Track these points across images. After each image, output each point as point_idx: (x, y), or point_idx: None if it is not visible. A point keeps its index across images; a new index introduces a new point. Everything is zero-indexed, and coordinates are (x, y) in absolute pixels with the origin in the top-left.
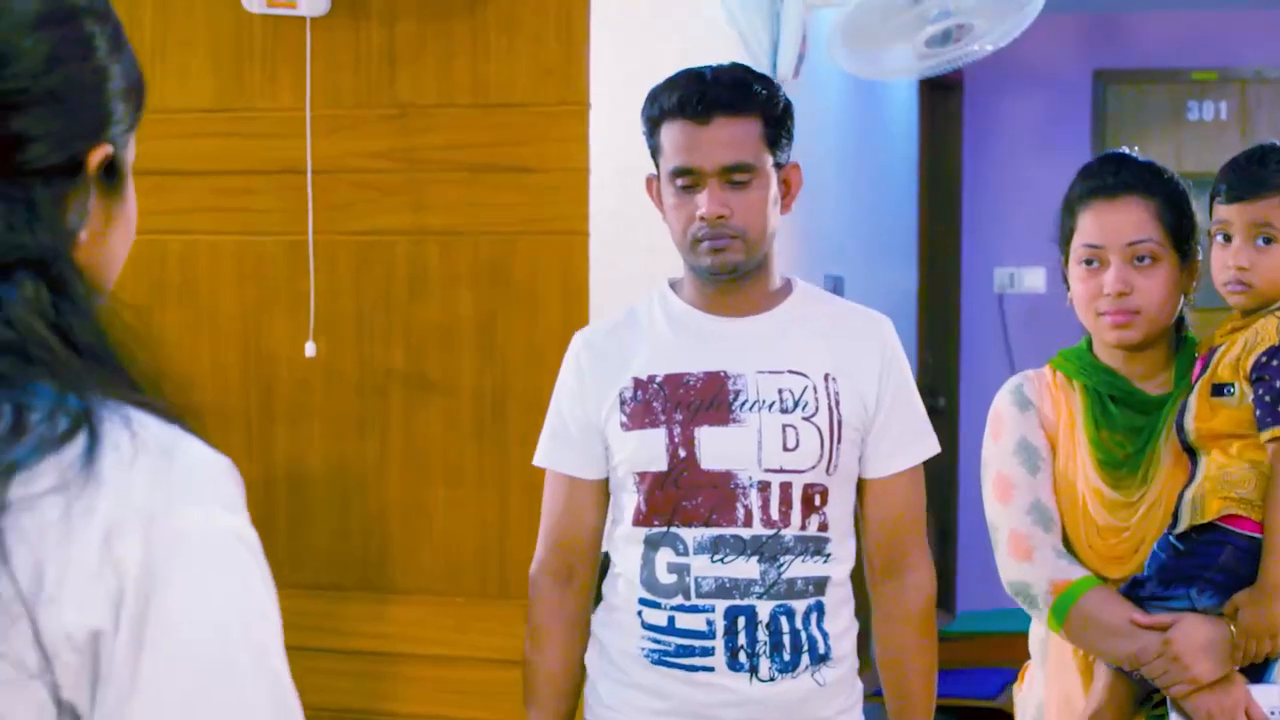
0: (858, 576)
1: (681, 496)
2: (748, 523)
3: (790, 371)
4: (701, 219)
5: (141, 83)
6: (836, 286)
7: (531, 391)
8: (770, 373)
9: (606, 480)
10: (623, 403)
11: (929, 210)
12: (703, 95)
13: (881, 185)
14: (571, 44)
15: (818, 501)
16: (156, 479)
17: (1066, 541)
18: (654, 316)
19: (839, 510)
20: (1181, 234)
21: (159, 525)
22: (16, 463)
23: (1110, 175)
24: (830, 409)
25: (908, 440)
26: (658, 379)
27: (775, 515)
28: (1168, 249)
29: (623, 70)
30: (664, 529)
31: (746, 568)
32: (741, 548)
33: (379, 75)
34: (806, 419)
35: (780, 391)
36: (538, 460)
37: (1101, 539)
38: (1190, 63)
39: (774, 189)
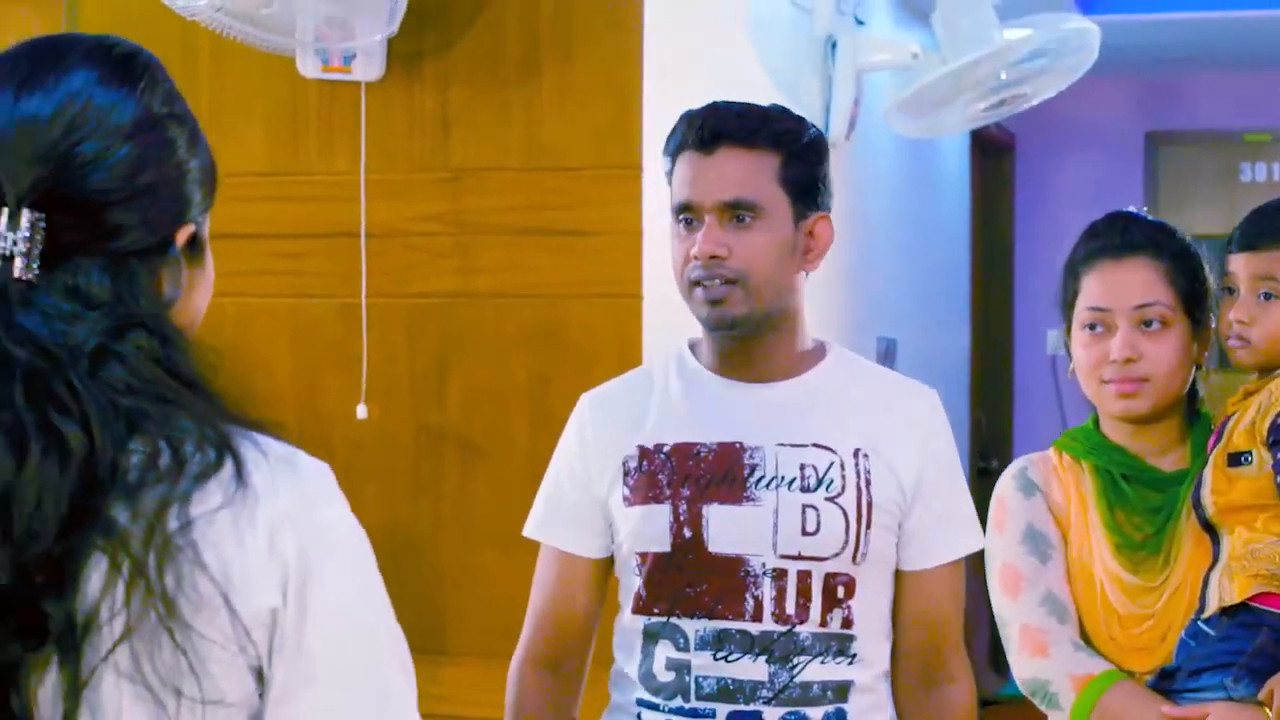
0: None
1: (685, 582)
2: (756, 616)
3: (815, 445)
4: (694, 258)
5: (214, 166)
6: (890, 349)
7: None
8: (792, 446)
9: (607, 560)
10: (626, 474)
11: (981, 272)
12: (708, 123)
13: (934, 247)
14: (624, 108)
15: (841, 594)
16: (292, 486)
17: (1085, 634)
18: (668, 378)
19: (870, 605)
20: (1193, 298)
21: (304, 522)
22: (189, 492)
23: (1117, 235)
24: (859, 489)
25: (950, 530)
26: (665, 448)
27: (790, 609)
28: (1178, 313)
29: None
30: (664, 619)
31: (753, 668)
32: (748, 645)
33: (433, 139)
34: (830, 499)
35: (802, 467)
36: (528, 530)
37: (1124, 628)
38: (1243, 124)
39: (789, 235)
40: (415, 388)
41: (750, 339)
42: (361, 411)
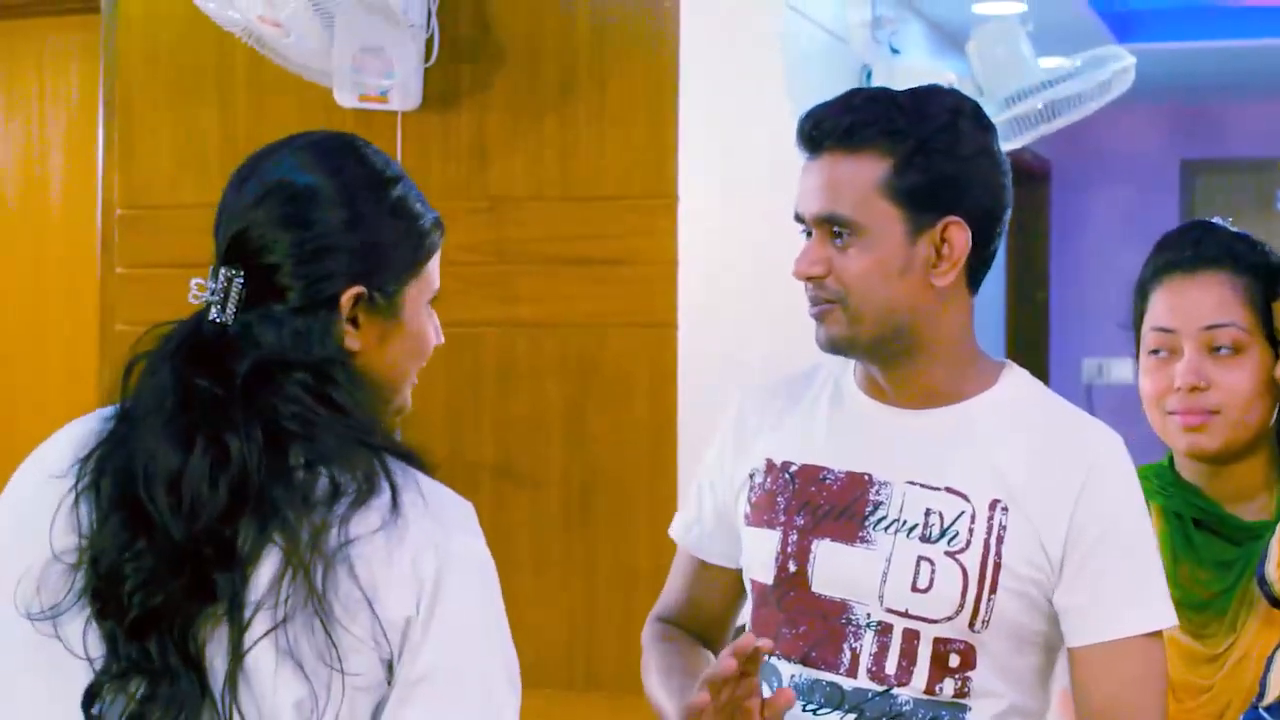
0: None
1: (783, 621)
2: (851, 671)
3: (948, 490)
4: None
5: (403, 239)
6: None
7: (620, 483)
8: (922, 487)
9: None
10: (751, 488)
11: (1016, 300)
12: (815, 121)
13: None
14: (661, 137)
15: (954, 663)
16: (436, 516)
17: None
18: (823, 390)
19: (998, 679)
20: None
21: (443, 548)
22: (349, 515)
23: (1189, 247)
24: (987, 546)
25: (1117, 600)
26: (793, 468)
27: (890, 669)
28: (1256, 337)
29: (712, 163)
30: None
31: None
32: (838, 700)
33: (469, 168)
34: (951, 554)
35: (928, 513)
36: (671, 529)
37: (1177, 701)
38: (1278, 152)
39: (899, 253)
40: (451, 416)
41: (886, 361)
42: (397, 438)
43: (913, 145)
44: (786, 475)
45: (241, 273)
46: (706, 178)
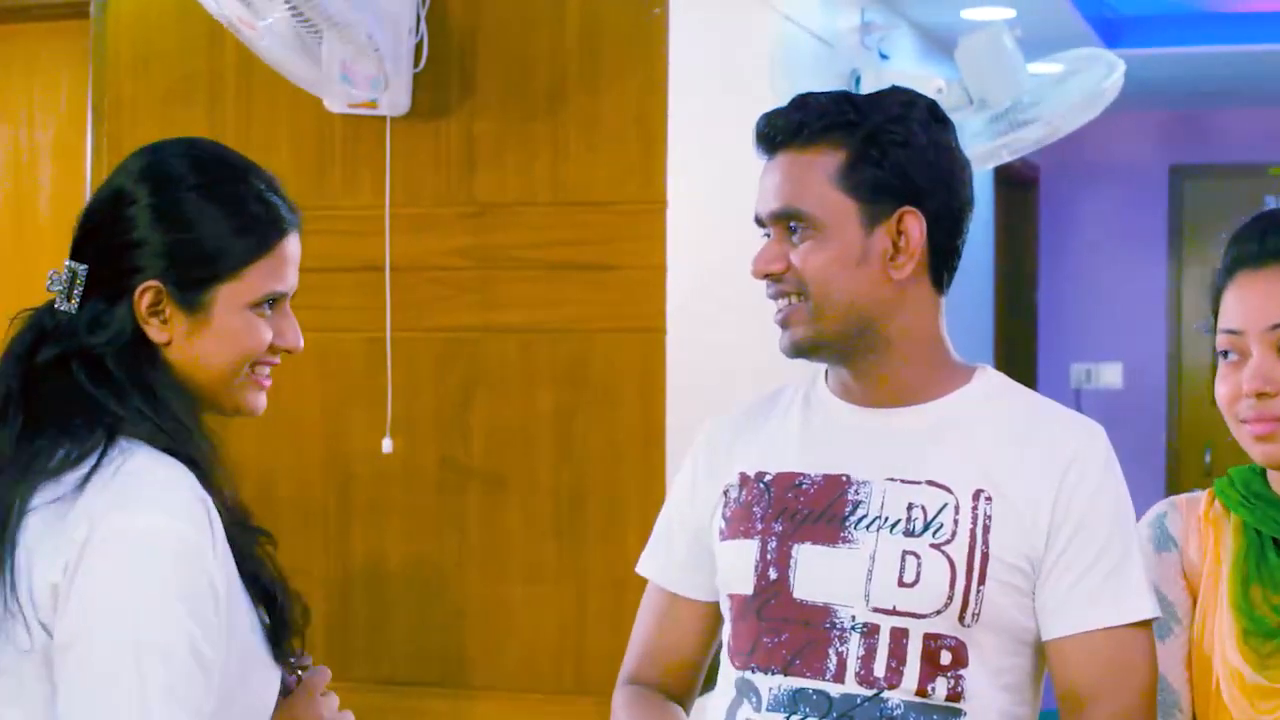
0: None
1: (763, 631)
2: (839, 677)
3: (929, 483)
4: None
5: (207, 240)
6: None
7: (609, 488)
8: (903, 482)
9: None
10: (725, 504)
11: (1005, 306)
12: (769, 123)
13: (957, 281)
14: (650, 144)
15: (945, 660)
16: (117, 490)
17: None
18: (794, 402)
19: (990, 679)
20: None
21: (100, 521)
22: (40, 485)
23: (1255, 240)
24: (973, 536)
25: (1099, 591)
26: (767, 477)
27: (879, 671)
28: None
29: (700, 169)
30: (743, 672)
31: None
32: (825, 708)
33: (458, 174)
34: (936, 546)
35: (910, 508)
36: (639, 567)
37: None
38: (1268, 158)
39: (856, 244)
40: (440, 421)
41: (853, 361)
42: (387, 445)
43: (865, 136)
44: (761, 485)
45: (84, 266)
46: (695, 184)
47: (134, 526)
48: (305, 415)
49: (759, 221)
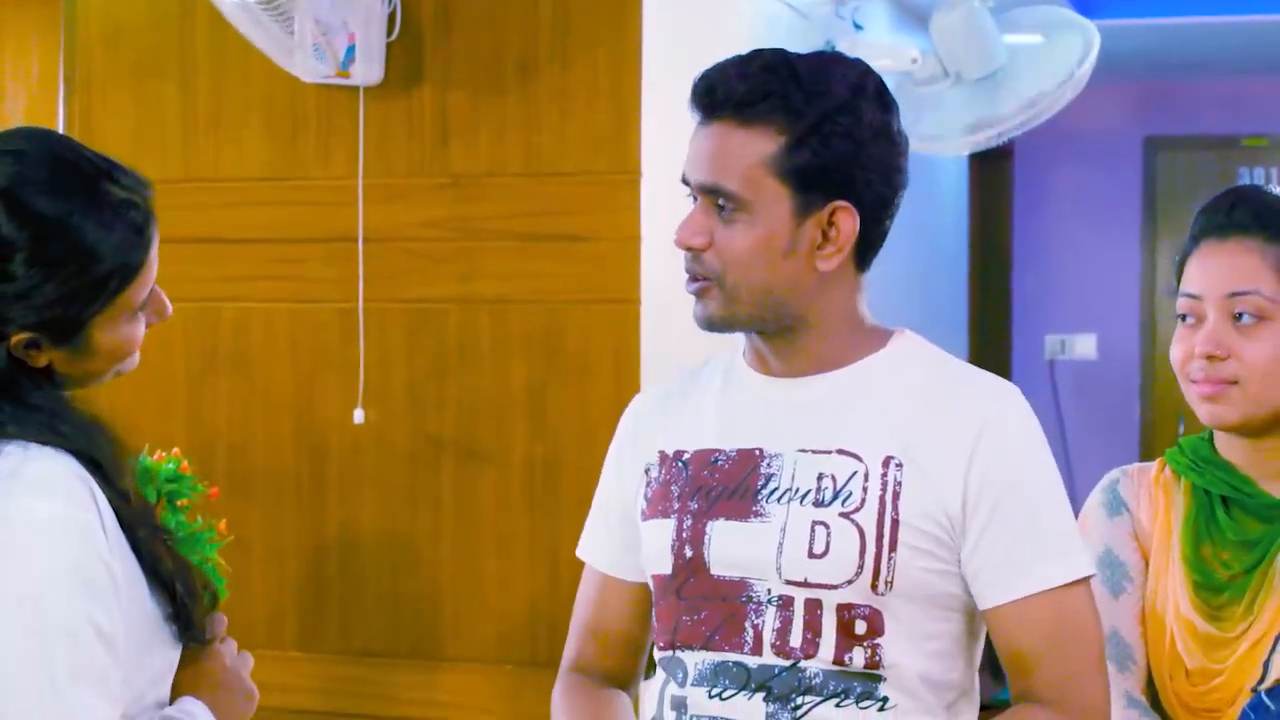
0: None
1: (684, 609)
2: (756, 649)
3: (839, 452)
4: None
5: (85, 286)
6: None
7: (582, 461)
8: (813, 452)
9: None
10: (647, 484)
11: (979, 277)
12: (711, 83)
13: (932, 253)
14: (623, 114)
15: (860, 629)
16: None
17: (1151, 686)
18: (714, 375)
19: (911, 647)
20: None
21: None
22: None
23: (1223, 213)
24: (882, 503)
25: (1029, 555)
26: (685, 455)
27: (795, 641)
28: None
29: (674, 140)
30: (669, 651)
31: (749, 707)
32: (744, 680)
33: (431, 145)
34: (845, 515)
35: (820, 478)
36: (578, 549)
37: (1191, 684)
38: (1241, 129)
39: (783, 233)
40: (413, 393)
41: (767, 335)
42: (358, 416)
43: (808, 125)
44: (679, 464)
45: None
46: (669, 154)
47: (18, 513)
48: (277, 386)
49: (685, 182)
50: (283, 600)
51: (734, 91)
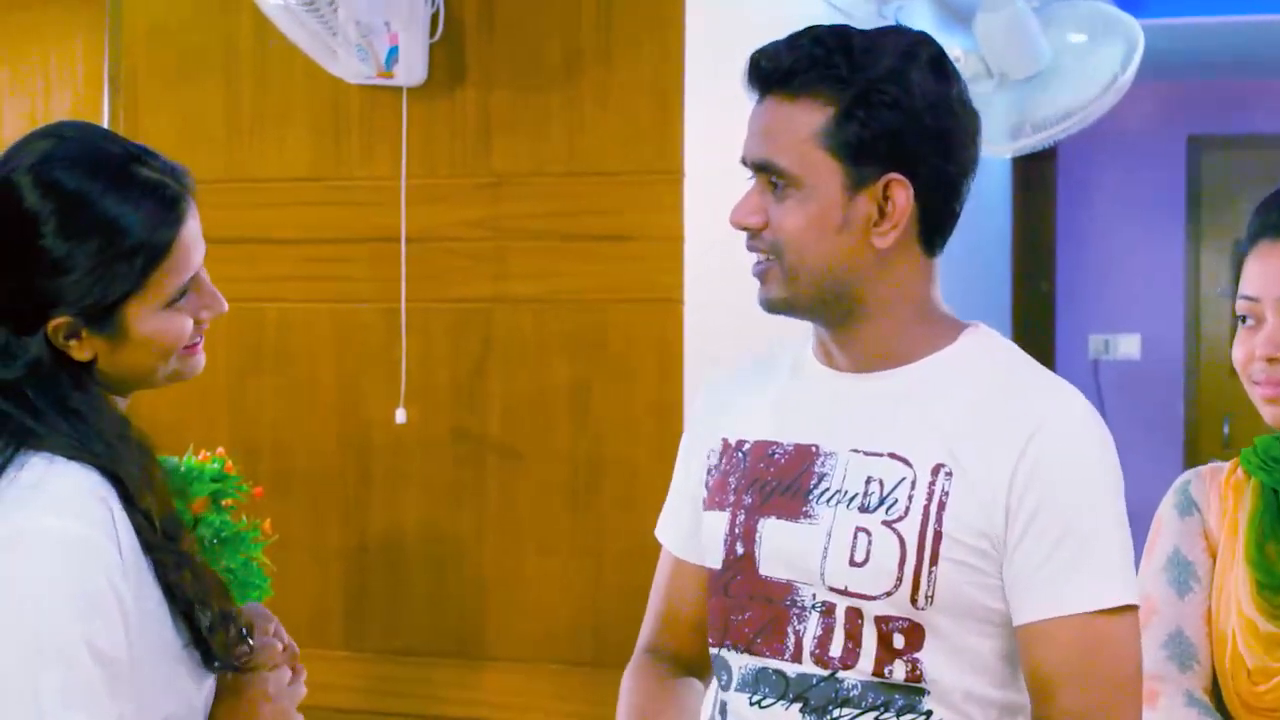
0: None
1: (732, 608)
2: (795, 656)
3: (891, 455)
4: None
5: (120, 263)
6: None
7: (625, 459)
8: (866, 454)
9: None
10: (709, 471)
11: (1023, 277)
12: (759, 61)
13: (975, 253)
14: (665, 113)
15: (899, 643)
16: (4, 501)
17: (1215, 686)
18: (784, 363)
19: (954, 660)
20: None
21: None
22: None
23: (1276, 211)
24: (926, 513)
25: (1068, 574)
26: (746, 445)
27: (835, 651)
28: None
29: (716, 138)
30: (717, 649)
31: (786, 717)
32: (782, 689)
33: (474, 145)
34: (887, 524)
35: (868, 481)
36: (657, 529)
37: (1252, 683)
38: None
39: (835, 208)
40: (455, 392)
41: (830, 324)
42: (401, 416)
43: (854, 94)
44: (740, 454)
45: None
46: (712, 152)
47: (22, 530)
48: (321, 386)
49: (744, 163)
50: (326, 599)
51: (782, 64)
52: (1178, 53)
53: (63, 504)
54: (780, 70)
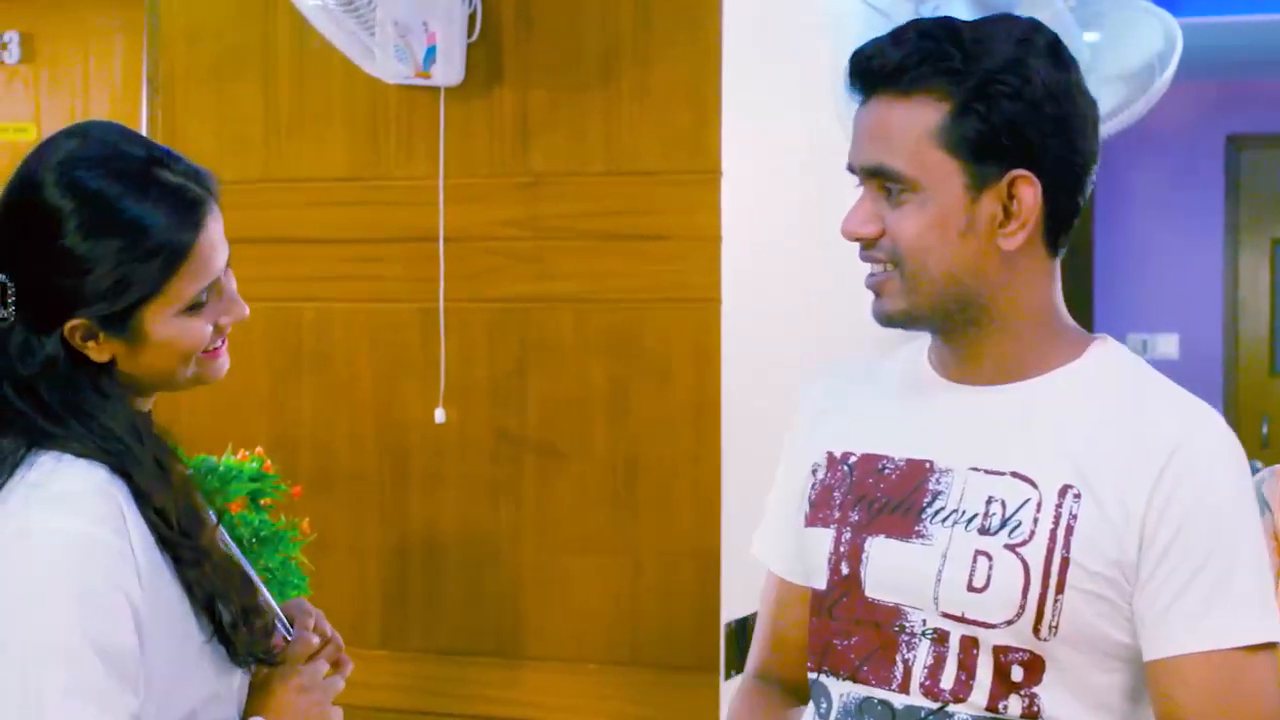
0: None
1: (835, 632)
2: (904, 687)
3: (1014, 474)
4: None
5: (141, 265)
6: None
7: (663, 459)
8: (986, 472)
9: None
10: (812, 485)
11: (1061, 277)
12: (863, 60)
13: None
14: (703, 112)
15: (1019, 676)
16: (11, 499)
17: None
18: (894, 370)
19: (1075, 697)
20: None
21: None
22: None
23: None
24: (1053, 538)
25: (1203, 607)
26: (852, 458)
27: (946, 683)
28: None
29: (754, 138)
30: (816, 674)
31: None
32: None
33: (512, 144)
34: (1010, 548)
35: (989, 501)
36: (754, 547)
37: None
38: None
39: (958, 209)
40: (494, 392)
41: (952, 334)
42: (439, 415)
43: (971, 88)
44: (845, 467)
45: (9, 279)
46: (750, 152)
47: (27, 528)
48: (359, 385)
49: (851, 170)
50: (365, 599)
51: (889, 61)
52: (1216, 52)
53: (68, 502)
54: (889, 67)
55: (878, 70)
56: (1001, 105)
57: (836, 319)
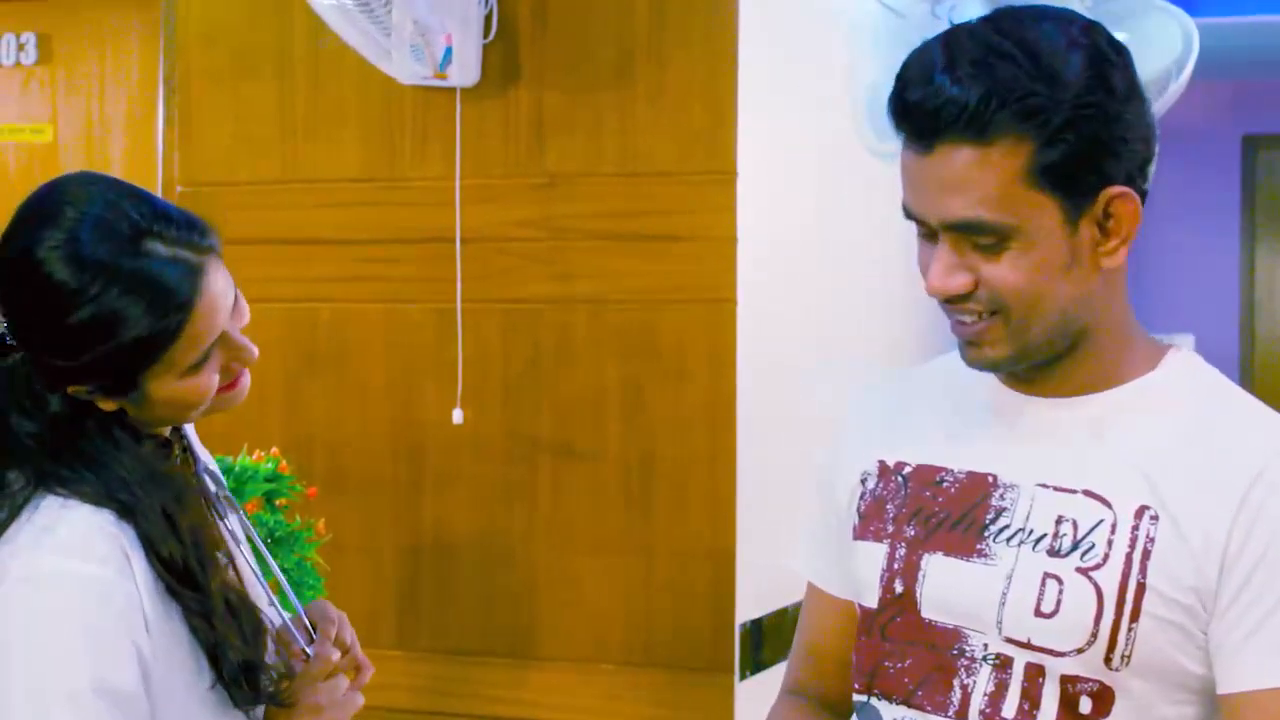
0: None
1: (887, 652)
2: (961, 713)
3: (1086, 493)
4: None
5: (129, 348)
6: None
7: (678, 460)
8: (1055, 489)
9: None
10: (861, 495)
11: None
12: (924, 104)
13: None
14: (719, 113)
15: (1087, 708)
16: (16, 542)
17: None
18: (952, 377)
19: None
20: None
21: (6, 565)
22: None
23: None
24: (1129, 562)
25: (1277, 638)
26: (906, 469)
27: (1008, 712)
28: None
29: (770, 139)
30: (865, 696)
31: None
32: None
33: (527, 144)
34: (1082, 571)
35: (1059, 521)
36: (791, 560)
37: None
38: None
39: (1060, 246)
40: (507, 392)
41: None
42: (458, 416)
43: (1060, 122)
44: (899, 478)
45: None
46: (765, 153)
47: (31, 572)
48: (374, 386)
49: (912, 217)
50: (379, 599)
51: (956, 104)
52: (1233, 51)
53: (73, 545)
54: (959, 114)
55: (948, 119)
56: (1091, 129)
57: (852, 319)
